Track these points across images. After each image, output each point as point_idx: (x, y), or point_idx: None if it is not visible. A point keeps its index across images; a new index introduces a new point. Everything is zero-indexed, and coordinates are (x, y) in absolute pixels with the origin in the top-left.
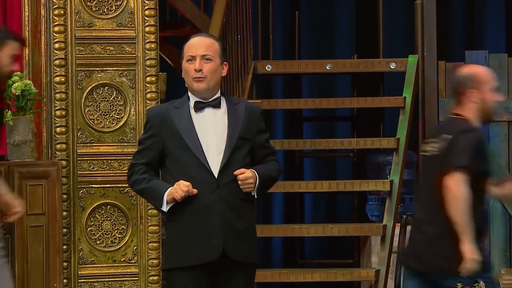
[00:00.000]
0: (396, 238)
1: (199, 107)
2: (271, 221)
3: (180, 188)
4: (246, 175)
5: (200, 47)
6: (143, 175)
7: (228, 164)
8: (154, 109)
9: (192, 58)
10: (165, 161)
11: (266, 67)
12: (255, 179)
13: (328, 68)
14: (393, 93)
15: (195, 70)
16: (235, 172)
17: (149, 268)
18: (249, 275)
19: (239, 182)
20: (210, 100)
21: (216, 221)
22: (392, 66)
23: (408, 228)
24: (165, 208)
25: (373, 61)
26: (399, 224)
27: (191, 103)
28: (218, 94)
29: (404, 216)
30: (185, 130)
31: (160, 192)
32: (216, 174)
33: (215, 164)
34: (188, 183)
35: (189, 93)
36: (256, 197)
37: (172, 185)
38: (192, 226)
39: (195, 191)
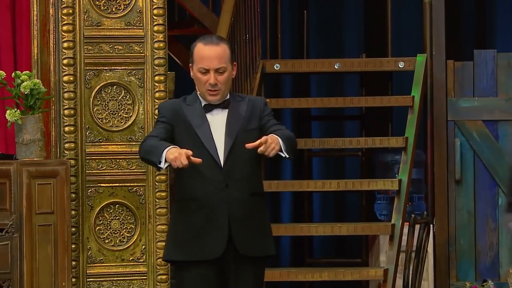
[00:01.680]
0: (404, 237)
1: (209, 109)
2: (280, 220)
3: (181, 161)
4: (265, 139)
5: (213, 59)
6: (152, 140)
7: (233, 159)
8: (165, 103)
9: (206, 71)
10: None
11: (275, 66)
12: (276, 141)
13: (336, 67)
14: (402, 92)
15: (209, 84)
16: (248, 145)
17: (158, 267)
18: (259, 268)
19: (262, 149)
20: (220, 103)
21: (224, 217)
22: (401, 65)
23: (417, 227)
24: (162, 164)
25: (381, 60)
26: (408, 223)
27: (202, 103)
28: (228, 96)
29: (412, 215)
30: (199, 126)
31: (160, 149)
32: (225, 170)
33: (223, 160)
34: (189, 154)
35: (199, 96)
36: (288, 156)
37: (171, 144)
38: (199, 221)
39: (197, 160)
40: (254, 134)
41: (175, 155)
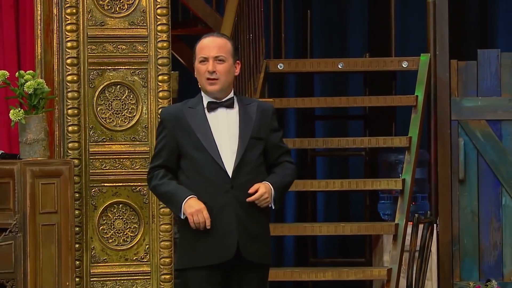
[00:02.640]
0: (408, 237)
1: (212, 107)
2: (284, 219)
3: (199, 220)
4: (261, 192)
5: (212, 48)
6: (162, 179)
7: (242, 164)
8: (168, 109)
9: (205, 60)
10: (180, 162)
11: (278, 66)
12: (270, 192)
13: (340, 67)
14: (405, 92)
15: (208, 71)
16: (250, 191)
17: (161, 267)
18: (262, 276)
19: (256, 201)
20: (223, 100)
21: (231, 221)
22: (404, 64)
23: (420, 226)
24: (182, 216)
25: (385, 59)
26: (411, 223)
27: (205, 103)
28: (231, 94)
29: (416, 215)
30: (200, 130)
31: (179, 201)
32: (230, 174)
33: (229, 164)
34: (206, 217)
35: (202, 93)
36: (273, 208)
37: (189, 192)
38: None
39: (208, 226)
40: (261, 144)
41: (192, 211)
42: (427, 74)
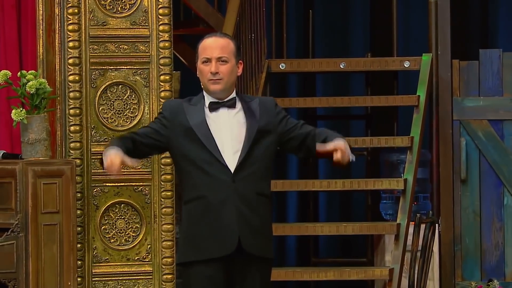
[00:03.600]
0: (410, 237)
1: (214, 107)
2: (285, 219)
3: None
4: (344, 145)
5: (215, 48)
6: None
7: (247, 158)
8: (171, 102)
9: (208, 60)
10: (180, 161)
11: (280, 66)
12: (346, 144)
13: (342, 67)
14: (407, 92)
15: (211, 72)
16: (328, 148)
17: (163, 266)
18: (265, 269)
19: (341, 159)
20: (225, 100)
21: (232, 215)
22: (406, 64)
23: (422, 226)
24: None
25: (387, 59)
26: (413, 222)
27: (206, 103)
28: (234, 94)
29: (418, 215)
30: (198, 125)
31: (107, 148)
32: (232, 169)
33: (230, 161)
34: (117, 167)
35: (204, 93)
36: (354, 160)
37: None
38: (208, 220)
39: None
40: (269, 137)
41: (107, 162)
42: (429, 74)
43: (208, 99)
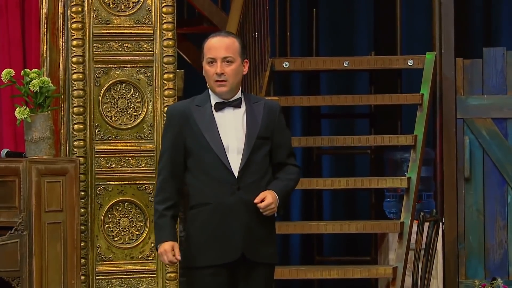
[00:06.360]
0: (413, 236)
1: (219, 107)
2: (289, 218)
3: (165, 260)
4: (267, 203)
5: (220, 49)
6: (164, 204)
7: (248, 165)
8: (175, 106)
9: (213, 61)
10: (187, 161)
11: (284, 64)
12: (276, 201)
13: (345, 65)
14: (411, 90)
15: (216, 74)
16: (255, 201)
17: (167, 265)
18: (268, 273)
19: (261, 210)
20: (231, 100)
21: (236, 223)
22: (410, 63)
23: (426, 225)
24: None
25: (390, 58)
26: (417, 221)
27: (212, 103)
28: (239, 94)
29: (421, 213)
30: (207, 130)
31: (158, 239)
32: (236, 174)
33: (235, 164)
34: (171, 259)
35: (210, 92)
36: (279, 215)
37: (168, 237)
38: (213, 226)
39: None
40: (267, 144)
41: (162, 256)
42: (432, 73)
43: (213, 99)
